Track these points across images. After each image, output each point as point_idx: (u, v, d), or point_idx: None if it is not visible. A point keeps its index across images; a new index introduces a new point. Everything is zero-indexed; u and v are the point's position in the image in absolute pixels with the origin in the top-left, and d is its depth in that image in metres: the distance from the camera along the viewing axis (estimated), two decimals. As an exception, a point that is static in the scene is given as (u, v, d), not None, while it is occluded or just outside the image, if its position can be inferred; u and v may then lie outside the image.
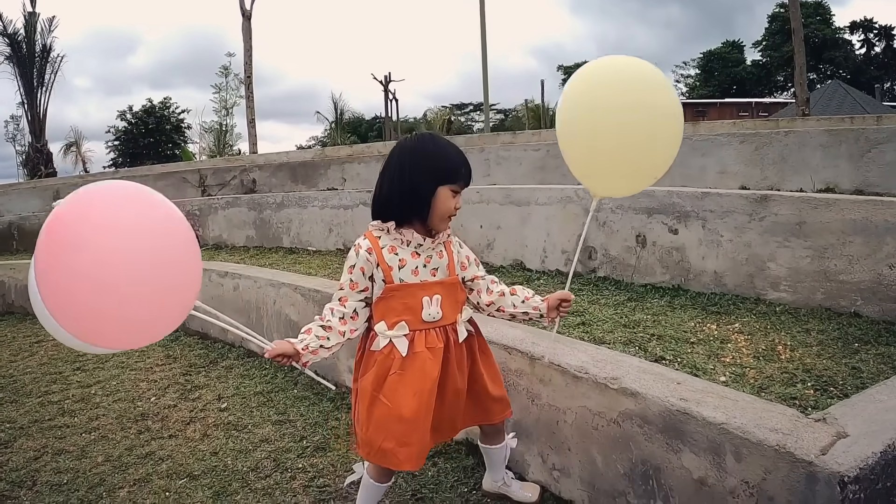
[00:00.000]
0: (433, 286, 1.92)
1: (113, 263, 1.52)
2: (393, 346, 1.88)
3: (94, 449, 3.04)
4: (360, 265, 1.89)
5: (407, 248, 1.91)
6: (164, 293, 1.62)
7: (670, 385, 1.82)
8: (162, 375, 4.04)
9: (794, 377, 2.18)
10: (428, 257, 1.93)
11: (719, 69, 48.13)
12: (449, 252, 1.99)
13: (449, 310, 1.94)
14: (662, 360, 2.41)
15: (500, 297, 2.06)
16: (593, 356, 2.12)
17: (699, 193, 3.34)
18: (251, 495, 2.48)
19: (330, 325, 1.89)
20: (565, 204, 4.14)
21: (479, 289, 2.06)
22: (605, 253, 3.91)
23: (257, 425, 3.14)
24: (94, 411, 3.51)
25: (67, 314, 1.58)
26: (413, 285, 1.89)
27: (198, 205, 7.28)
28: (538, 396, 2.22)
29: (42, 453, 3.03)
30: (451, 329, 1.95)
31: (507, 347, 2.34)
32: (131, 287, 1.54)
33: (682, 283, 3.48)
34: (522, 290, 2.09)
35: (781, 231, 2.98)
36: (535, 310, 2.05)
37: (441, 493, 2.38)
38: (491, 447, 2.19)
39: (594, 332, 2.82)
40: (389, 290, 1.89)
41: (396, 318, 1.88)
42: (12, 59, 23.83)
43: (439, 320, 1.92)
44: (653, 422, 1.78)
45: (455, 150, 1.93)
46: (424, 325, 1.90)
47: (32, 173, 21.84)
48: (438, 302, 1.91)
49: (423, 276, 1.91)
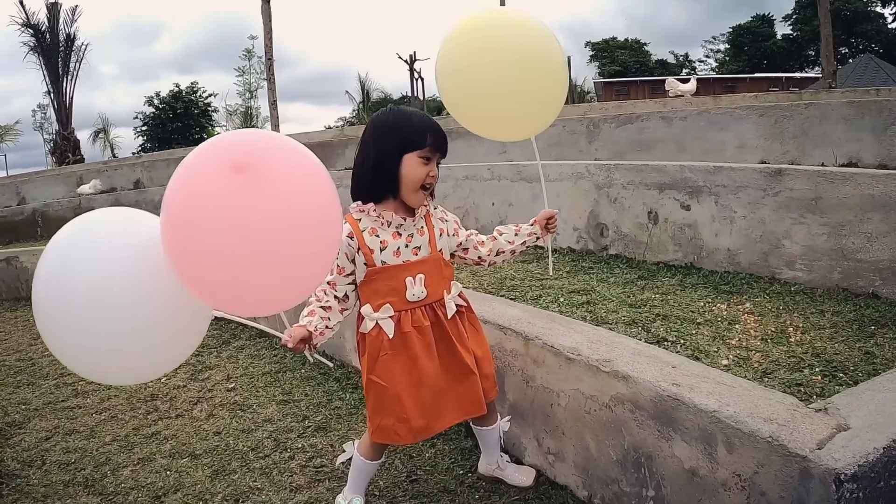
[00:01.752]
0: (415, 266, 1.88)
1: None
2: (380, 329, 1.86)
3: (103, 429, 3.08)
4: (344, 250, 1.86)
5: (388, 228, 1.87)
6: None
7: (664, 369, 1.75)
8: (174, 356, 4.07)
9: (801, 362, 2.08)
10: (409, 236, 1.89)
11: (749, 44, 46.72)
12: (430, 227, 1.94)
13: (434, 287, 1.91)
14: (664, 341, 2.33)
15: (494, 241, 2.12)
16: (589, 337, 2.05)
17: (711, 168, 3.22)
18: (249, 475, 2.49)
19: (329, 305, 1.88)
20: (576, 180, 4.04)
21: (474, 244, 2.09)
22: (617, 230, 3.81)
23: (262, 405, 3.15)
24: (106, 392, 3.56)
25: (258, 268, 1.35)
26: (395, 267, 1.86)
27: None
28: (532, 378, 2.16)
29: (53, 433, 3.08)
30: (439, 305, 1.92)
31: (502, 327, 2.29)
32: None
33: (695, 262, 3.37)
34: (505, 227, 2.17)
35: (797, 207, 2.85)
36: (531, 235, 2.16)
37: (436, 474, 2.35)
38: (482, 428, 2.16)
39: (598, 311, 2.74)
40: (372, 273, 1.86)
41: (381, 301, 1.86)
42: (37, 49, 24.19)
43: (424, 299, 1.89)
44: (644, 407, 1.71)
45: (420, 118, 1.88)
46: (410, 305, 1.87)
47: (60, 161, 22.23)
48: (422, 281, 1.88)
49: (404, 257, 1.88)
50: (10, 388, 3.78)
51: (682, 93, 8.03)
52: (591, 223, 3.97)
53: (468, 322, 2.02)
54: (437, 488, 2.26)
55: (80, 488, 2.54)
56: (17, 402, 3.53)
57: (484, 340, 2.06)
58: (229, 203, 1.28)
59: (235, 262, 1.31)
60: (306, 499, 2.28)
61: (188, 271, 1.39)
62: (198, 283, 1.41)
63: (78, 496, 2.48)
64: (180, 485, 2.47)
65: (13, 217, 8.93)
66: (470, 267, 2.28)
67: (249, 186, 1.29)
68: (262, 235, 1.30)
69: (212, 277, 1.36)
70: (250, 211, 1.28)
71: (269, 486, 2.39)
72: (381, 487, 2.31)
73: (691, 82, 8.37)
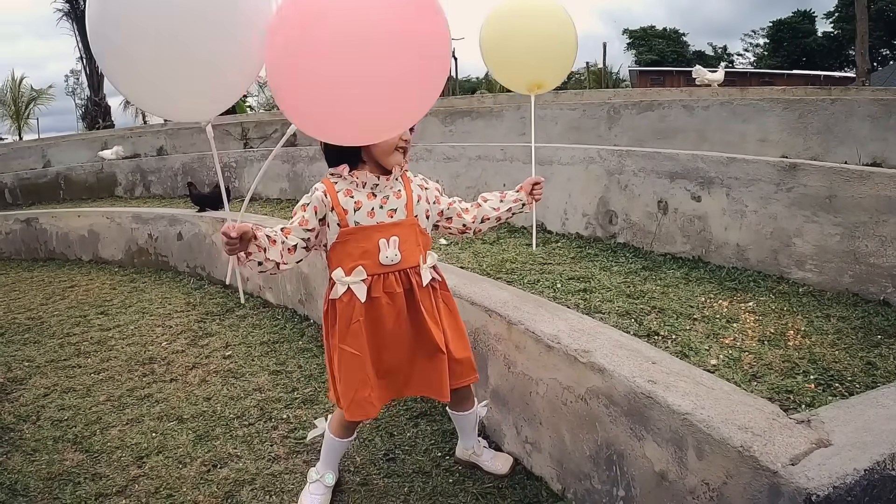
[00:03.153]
0: (390, 227, 1.82)
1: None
2: (352, 294, 1.80)
3: (98, 389, 3.13)
4: (314, 204, 1.80)
5: (363, 189, 1.82)
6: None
7: (643, 364, 1.69)
8: (178, 322, 4.12)
9: (796, 367, 1.99)
10: (385, 198, 1.83)
11: (789, 40, 45.25)
12: (408, 191, 1.88)
13: (409, 252, 1.84)
14: (655, 335, 2.25)
15: (478, 207, 2.11)
16: (573, 325, 1.99)
17: (724, 159, 3.09)
18: (230, 441, 2.50)
19: (275, 239, 1.78)
20: (587, 164, 3.94)
21: (459, 212, 2.06)
22: (626, 218, 3.71)
23: (255, 374, 3.17)
24: (107, 353, 3.61)
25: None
26: (368, 227, 1.80)
27: (235, 157, 7.33)
28: (514, 364, 2.11)
29: (52, 391, 3.14)
30: (414, 272, 1.86)
31: (488, 310, 2.24)
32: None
33: (703, 255, 3.27)
34: (490, 194, 2.16)
35: (810, 204, 2.73)
36: (517, 202, 2.16)
37: (414, 454, 2.33)
38: (458, 413, 2.12)
39: (593, 299, 2.67)
40: (345, 233, 1.80)
41: (353, 263, 1.80)
42: (71, 14, 24.34)
43: (398, 263, 1.83)
44: (618, 403, 1.65)
45: None
46: (382, 269, 1.81)
47: (90, 126, 22.45)
48: (396, 244, 1.82)
49: (379, 218, 1.82)
50: (17, 345, 3.86)
51: (709, 82, 7.77)
52: (601, 210, 3.88)
53: (442, 300, 1.95)
54: (412, 469, 2.24)
55: (69, 445, 2.58)
56: (21, 359, 3.60)
57: (459, 322, 2.00)
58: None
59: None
60: (282, 469, 2.29)
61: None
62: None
63: (65, 452, 2.52)
64: (163, 447, 2.50)
65: (37, 179, 9.08)
66: (455, 237, 2.23)
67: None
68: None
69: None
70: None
71: (247, 454, 2.40)
72: (357, 464, 2.30)
73: (719, 72, 8.07)
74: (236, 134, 8.93)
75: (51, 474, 2.36)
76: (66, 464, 2.43)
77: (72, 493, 2.24)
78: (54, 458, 2.47)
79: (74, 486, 2.28)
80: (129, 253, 5.98)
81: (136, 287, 5.15)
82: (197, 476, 2.28)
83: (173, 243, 5.55)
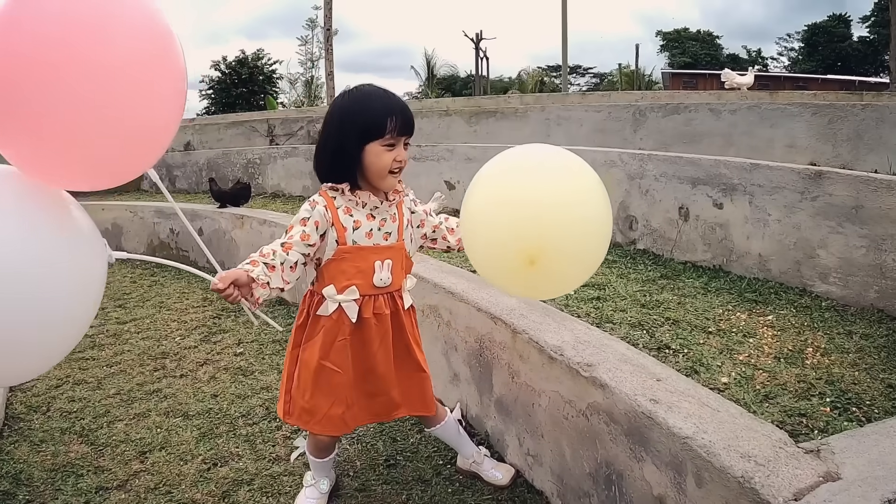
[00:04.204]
0: (385, 250, 1.82)
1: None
2: (342, 312, 1.79)
3: (109, 382, 3.15)
4: (316, 219, 1.77)
5: (362, 209, 1.80)
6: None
7: (647, 381, 1.62)
8: (194, 317, 4.14)
9: (811, 388, 1.89)
10: (383, 220, 1.83)
11: (823, 44, 44.23)
12: (400, 215, 1.88)
13: (397, 276, 1.86)
14: (666, 349, 2.18)
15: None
16: (578, 336, 1.93)
17: (748, 165, 2.99)
18: (233, 440, 2.49)
19: (274, 265, 1.71)
20: (608, 168, 3.86)
21: (444, 234, 2.01)
22: (647, 224, 3.62)
23: (264, 372, 3.16)
24: (121, 346, 3.65)
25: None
26: (366, 248, 1.79)
27: (259, 154, 7.38)
28: (518, 374, 2.06)
29: (64, 382, 3.17)
30: (398, 295, 1.88)
31: (493, 316, 2.18)
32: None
33: (724, 264, 3.17)
34: None
35: (835, 214, 2.62)
36: None
37: (416, 461, 2.29)
38: (435, 429, 2.11)
39: (605, 308, 2.60)
40: (342, 251, 1.78)
41: (347, 282, 1.78)
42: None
43: (388, 286, 1.83)
44: (619, 421, 1.58)
45: (381, 101, 1.74)
46: (375, 291, 1.82)
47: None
48: (389, 267, 1.82)
49: (375, 240, 1.81)
50: (34, 333, 3.91)
51: (738, 85, 7.57)
52: (621, 215, 3.79)
53: (415, 320, 1.99)
54: (412, 476, 2.20)
55: (75, 437, 2.59)
56: (37, 347, 3.64)
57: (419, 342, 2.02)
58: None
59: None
60: (282, 470, 2.27)
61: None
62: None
63: (71, 444, 2.54)
64: (167, 443, 2.50)
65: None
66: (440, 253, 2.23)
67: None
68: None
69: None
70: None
71: (249, 454, 2.39)
72: (357, 468, 2.27)
73: (749, 75, 7.86)
74: (262, 130, 8.99)
75: (55, 465, 2.38)
76: (70, 455, 2.44)
77: (73, 485, 2.25)
78: (60, 450, 2.49)
79: (76, 479, 2.28)
80: (151, 247, 6.05)
81: (155, 281, 5.21)
82: (196, 474, 2.27)
83: (193, 240, 5.59)
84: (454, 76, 43.59)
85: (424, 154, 5.52)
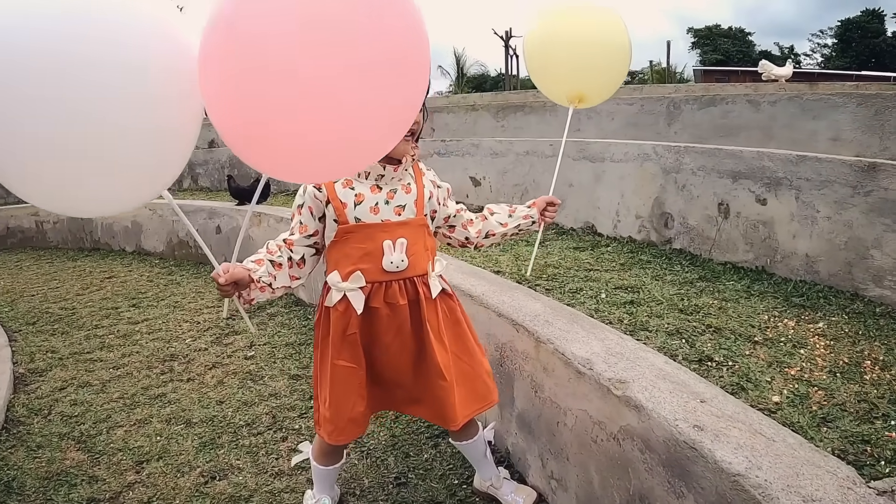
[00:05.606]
0: (397, 227, 1.56)
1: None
2: (348, 302, 1.56)
3: (114, 385, 3.02)
4: (308, 203, 1.58)
5: (365, 181, 1.57)
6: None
7: (689, 403, 1.40)
8: (207, 318, 4.01)
9: (873, 409, 1.65)
10: (391, 191, 1.58)
11: (857, 40, 42.84)
12: (419, 185, 1.63)
13: (417, 258, 1.59)
14: (708, 361, 1.95)
15: (484, 221, 1.84)
16: (609, 347, 1.72)
17: (794, 157, 2.73)
18: (234, 451, 2.33)
19: (280, 262, 1.59)
20: (642, 162, 3.62)
21: (464, 222, 1.80)
22: (683, 221, 3.38)
23: (274, 378, 3.00)
24: (130, 348, 3.52)
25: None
26: (372, 225, 1.55)
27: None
28: (541, 388, 1.85)
29: (68, 384, 3.05)
30: (421, 282, 1.61)
31: (515, 324, 1.98)
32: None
33: (767, 265, 2.91)
34: (497, 206, 1.87)
35: (891, 211, 2.35)
36: (526, 218, 1.87)
37: (428, 480, 2.10)
38: (462, 443, 1.86)
39: (639, 314, 2.38)
40: (343, 231, 1.55)
41: (351, 267, 1.55)
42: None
43: (404, 270, 1.57)
44: (655, 449, 1.37)
45: None
46: (385, 276, 1.56)
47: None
48: (403, 247, 1.56)
49: (384, 215, 1.56)
50: (44, 336, 3.82)
51: (776, 77, 7.20)
52: (656, 212, 3.55)
53: (449, 311, 1.70)
54: (424, 497, 2.01)
55: (73, 443, 2.47)
56: (45, 350, 3.55)
57: (473, 335, 1.75)
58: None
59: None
60: (283, 486, 2.09)
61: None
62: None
63: (68, 451, 2.41)
64: (166, 452, 2.35)
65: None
66: (453, 248, 1.96)
67: None
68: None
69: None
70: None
71: (250, 466, 2.23)
72: (364, 487, 2.09)
73: (787, 66, 7.47)
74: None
75: (49, 473, 2.25)
76: (66, 463, 2.32)
77: (65, 495, 2.12)
78: (56, 457, 2.36)
79: (69, 489, 2.15)
80: (170, 245, 5.97)
81: (172, 280, 5.10)
82: (193, 488, 2.11)
83: (212, 237, 5.48)
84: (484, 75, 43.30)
85: (449, 149, 5.33)
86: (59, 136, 1.02)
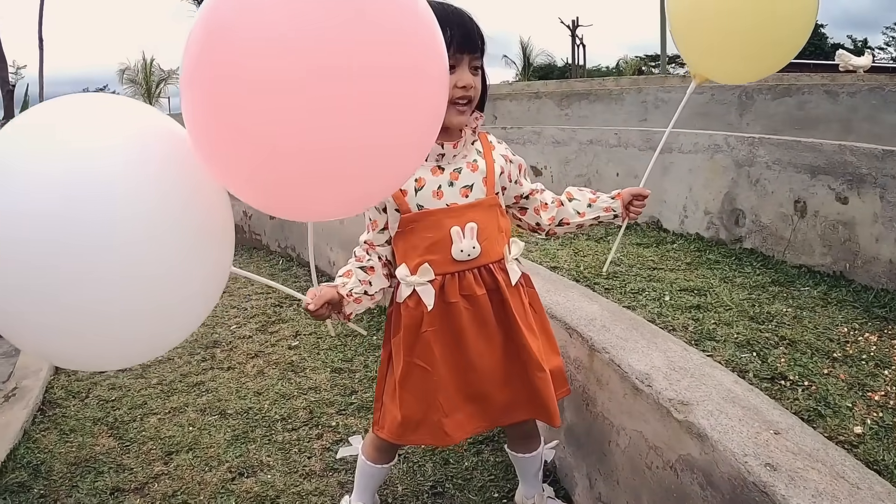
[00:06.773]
0: (465, 210, 1.41)
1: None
2: (419, 297, 1.42)
3: (154, 370, 3.00)
4: None
5: (425, 162, 1.41)
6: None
7: (761, 434, 1.21)
8: (255, 304, 3.96)
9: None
10: (455, 171, 1.42)
11: None
12: (488, 160, 1.46)
13: (491, 242, 1.43)
14: (782, 379, 1.74)
15: (560, 207, 1.62)
16: (672, 361, 1.53)
17: (879, 152, 2.46)
18: (266, 447, 2.25)
19: (371, 265, 1.49)
20: (712, 153, 3.36)
21: (537, 205, 1.60)
22: (756, 219, 3.12)
23: (315, 370, 2.91)
24: (174, 331, 3.51)
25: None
26: (437, 212, 1.40)
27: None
28: (593, 401, 1.68)
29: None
30: (499, 268, 1.45)
31: (569, 327, 1.80)
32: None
33: (846, 271, 2.64)
34: (578, 191, 1.65)
35: None
36: (608, 210, 1.64)
37: (466, 491, 1.96)
38: (520, 455, 1.69)
39: (706, 320, 2.17)
40: (406, 221, 1.41)
41: (419, 259, 1.41)
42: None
43: (477, 258, 1.42)
44: (719, 487, 1.18)
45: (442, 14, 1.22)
46: (457, 266, 1.41)
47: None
48: (474, 232, 1.40)
49: (449, 199, 1.41)
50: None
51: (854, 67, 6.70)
52: (726, 208, 3.30)
53: (531, 299, 1.54)
54: (460, 510, 1.87)
55: (105, 429, 2.45)
56: (92, 332, 3.57)
57: (548, 324, 1.59)
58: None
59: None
60: (312, 488, 2.00)
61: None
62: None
63: (99, 436, 2.39)
64: (196, 444, 2.29)
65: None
66: (525, 233, 1.75)
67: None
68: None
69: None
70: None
71: (280, 465, 2.14)
72: (398, 493, 1.97)
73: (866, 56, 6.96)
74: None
75: (78, 459, 2.23)
76: (95, 449, 2.29)
77: (91, 483, 2.09)
78: (87, 442, 2.34)
79: (95, 476, 2.13)
80: (222, 227, 5.99)
81: (222, 262, 5.11)
82: (219, 484, 2.04)
83: (266, 222, 5.48)
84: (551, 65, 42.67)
85: (510, 137, 5.15)
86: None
